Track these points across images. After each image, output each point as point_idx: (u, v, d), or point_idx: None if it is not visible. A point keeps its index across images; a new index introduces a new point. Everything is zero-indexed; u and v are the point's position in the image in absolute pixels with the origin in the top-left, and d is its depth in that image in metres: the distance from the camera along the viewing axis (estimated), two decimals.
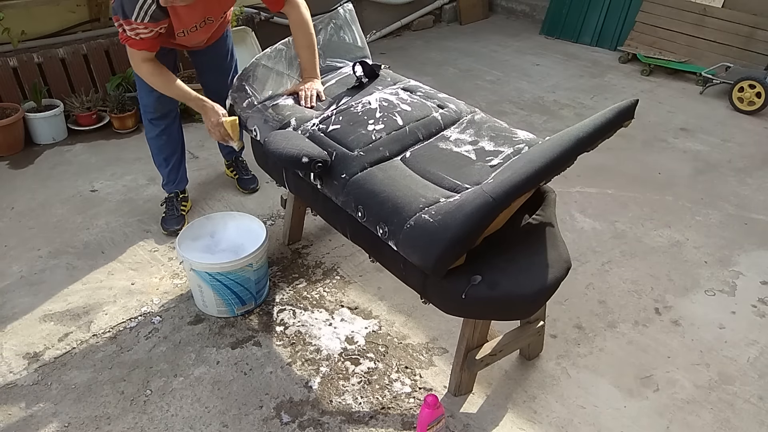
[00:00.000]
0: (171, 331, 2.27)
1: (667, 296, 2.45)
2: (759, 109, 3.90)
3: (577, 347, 2.21)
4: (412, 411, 1.97)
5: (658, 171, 3.33)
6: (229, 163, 3.17)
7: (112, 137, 3.62)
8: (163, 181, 2.85)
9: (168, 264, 2.61)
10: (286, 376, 2.09)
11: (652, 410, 1.98)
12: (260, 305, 2.39)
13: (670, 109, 4.03)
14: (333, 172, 1.95)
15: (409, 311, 2.36)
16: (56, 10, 3.66)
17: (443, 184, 1.83)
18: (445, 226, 1.62)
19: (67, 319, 2.32)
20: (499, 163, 1.85)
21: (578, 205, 3.02)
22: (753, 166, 3.37)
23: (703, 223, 2.89)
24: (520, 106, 4.10)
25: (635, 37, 4.82)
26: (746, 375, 2.10)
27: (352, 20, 2.58)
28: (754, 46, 4.31)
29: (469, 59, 4.90)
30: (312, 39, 2.38)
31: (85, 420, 1.94)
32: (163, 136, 2.71)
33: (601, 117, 1.64)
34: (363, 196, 1.85)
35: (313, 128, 2.11)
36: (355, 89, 2.33)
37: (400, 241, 1.72)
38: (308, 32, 2.37)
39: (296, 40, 2.39)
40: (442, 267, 1.67)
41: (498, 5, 6.05)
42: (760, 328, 2.30)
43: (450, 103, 2.19)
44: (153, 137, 2.74)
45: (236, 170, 3.14)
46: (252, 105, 2.31)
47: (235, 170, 3.15)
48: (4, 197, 3.05)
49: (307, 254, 2.68)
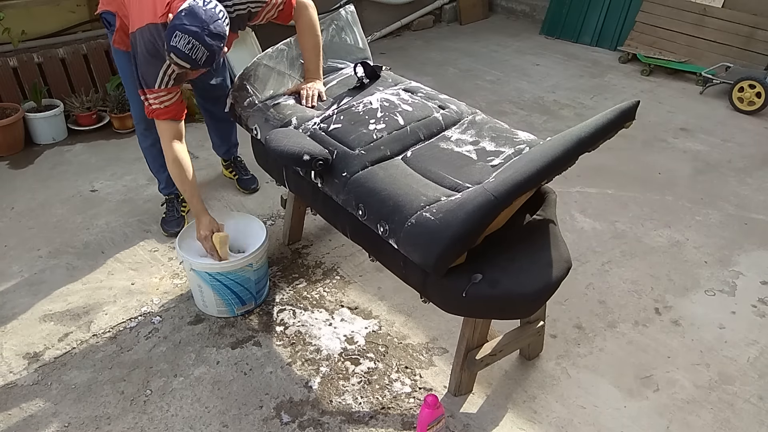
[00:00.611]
0: (171, 331, 2.27)
1: (667, 296, 2.45)
2: (759, 109, 3.90)
3: (577, 347, 2.21)
4: (412, 411, 1.96)
5: (658, 171, 3.33)
6: (227, 164, 3.17)
7: (112, 137, 3.62)
8: (161, 185, 2.84)
9: (168, 264, 2.61)
10: (286, 376, 2.09)
11: (652, 410, 1.98)
12: (260, 305, 2.39)
13: (670, 109, 4.03)
14: (334, 171, 1.95)
15: (409, 311, 2.36)
16: (56, 10, 3.66)
17: (444, 183, 1.83)
18: (447, 224, 1.63)
19: (67, 319, 2.32)
20: (500, 163, 1.85)
21: (578, 205, 3.02)
22: (753, 166, 3.37)
23: (703, 223, 2.89)
24: (520, 106, 4.10)
25: (635, 37, 4.82)
26: (746, 375, 2.10)
27: (353, 21, 2.58)
28: (754, 46, 4.31)
29: (469, 59, 4.90)
30: (318, 41, 2.38)
31: (85, 420, 1.94)
32: (156, 144, 2.57)
33: (603, 118, 1.65)
34: (364, 194, 1.85)
35: (314, 127, 2.11)
36: (357, 89, 2.33)
37: (400, 240, 1.72)
38: (315, 34, 2.37)
39: (303, 41, 2.38)
40: (442, 265, 1.67)
41: (498, 5, 6.05)
42: (760, 328, 2.30)
43: (451, 104, 2.19)
44: (146, 147, 2.71)
45: (235, 170, 3.14)
46: (253, 104, 2.31)
47: (234, 170, 3.15)
48: (4, 197, 3.05)
49: (307, 254, 2.68)
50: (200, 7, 1.94)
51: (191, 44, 1.92)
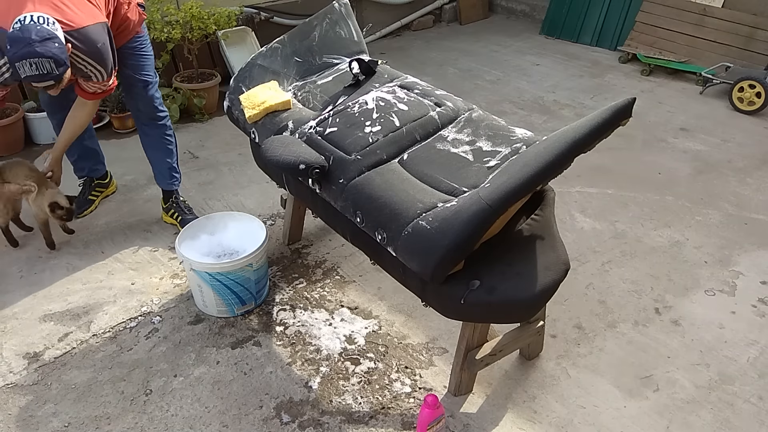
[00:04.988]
0: (171, 331, 2.27)
1: (667, 296, 2.45)
2: (759, 109, 3.90)
3: (577, 347, 2.21)
4: (412, 411, 1.97)
5: (658, 171, 3.33)
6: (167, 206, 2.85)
7: (112, 137, 3.62)
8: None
9: (168, 264, 2.61)
10: (286, 376, 2.09)
11: (652, 410, 1.98)
12: (260, 305, 2.39)
13: (670, 109, 4.03)
14: (331, 177, 1.94)
15: (409, 311, 2.36)
16: None
17: (441, 187, 1.82)
18: (443, 234, 1.62)
19: (67, 319, 2.32)
20: (497, 164, 1.84)
21: (578, 205, 3.02)
22: (753, 166, 3.37)
23: (703, 223, 2.89)
24: (520, 106, 4.10)
25: (635, 37, 4.82)
26: (746, 375, 2.10)
27: (347, 14, 2.55)
28: (754, 46, 4.31)
29: (469, 59, 4.91)
30: (77, 130, 2.54)
31: (85, 420, 1.94)
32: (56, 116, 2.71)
33: (598, 117, 1.62)
34: (361, 201, 1.84)
35: (310, 131, 2.10)
36: (352, 87, 2.31)
37: (398, 248, 1.72)
38: (78, 124, 2.52)
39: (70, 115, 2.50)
40: (440, 274, 1.66)
41: (498, 5, 6.05)
42: (760, 328, 2.30)
43: (447, 101, 2.17)
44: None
45: (177, 212, 2.83)
46: None
47: (175, 212, 2.84)
48: None
49: (307, 254, 2.68)
50: (16, 31, 1.96)
51: (32, 63, 1.95)
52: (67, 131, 2.53)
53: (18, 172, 2.52)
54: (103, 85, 2.30)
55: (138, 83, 2.54)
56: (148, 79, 2.57)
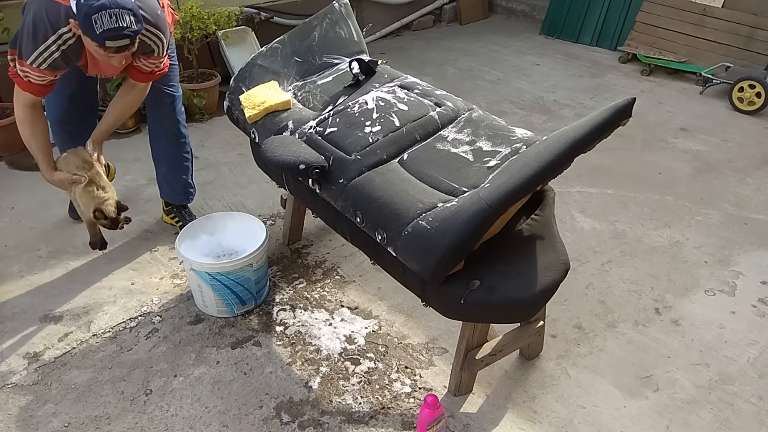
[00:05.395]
0: (171, 331, 2.27)
1: (667, 296, 2.45)
2: (759, 109, 3.90)
3: (577, 347, 2.21)
4: (412, 411, 1.97)
5: (658, 171, 3.33)
6: (169, 208, 2.82)
7: (111, 137, 3.61)
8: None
9: (168, 264, 2.61)
10: (286, 376, 2.09)
11: (652, 410, 1.98)
12: (260, 305, 2.39)
13: (670, 109, 4.03)
14: (331, 177, 1.94)
15: (409, 311, 2.36)
16: None
17: (441, 187, 1.82)
18: (443, 234, 1.62)
19: (67, 319, 2.32)
20: (497, 164, 1.84)
21: (578, 205, 3.02)
22: (753, 166, 3.37)
23: (703, 223, 2.89)
24: (520, 106, 4.10)
25: (635, 37, 4.82)
26: (746, 375, 2.10)
27: (347, 14, 2.55)
28: (754, 46, 4.31)
29: (469, 59, 4.91)
30: (126, 113, 2.35)
31: (85, 420, 1.94)
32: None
33: (598, 117, 1.62)
34: (361, 201, 1.84)
35: (310, 131, 2.10)
36: (352, 87, 2.31)
37: (398, 248, 1.72)
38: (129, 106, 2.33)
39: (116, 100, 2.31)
40: (440, 274, 1.66)
41: (498, 5, 6.05)
42: (760, 328, 2.30)
43: (447, 101, 2.17)
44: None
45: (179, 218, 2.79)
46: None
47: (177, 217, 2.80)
48: (4, 197, 3.05)
49: (307, 254, 2.68)
50: None
51: (112, 15, 1.80)
52: (112, 114, 2.32)
53: (70, 161, 2.31)
54: (160, 62, 2.20)
55: (166, 98, 2.46)
56: (174, 93, 2.49)
